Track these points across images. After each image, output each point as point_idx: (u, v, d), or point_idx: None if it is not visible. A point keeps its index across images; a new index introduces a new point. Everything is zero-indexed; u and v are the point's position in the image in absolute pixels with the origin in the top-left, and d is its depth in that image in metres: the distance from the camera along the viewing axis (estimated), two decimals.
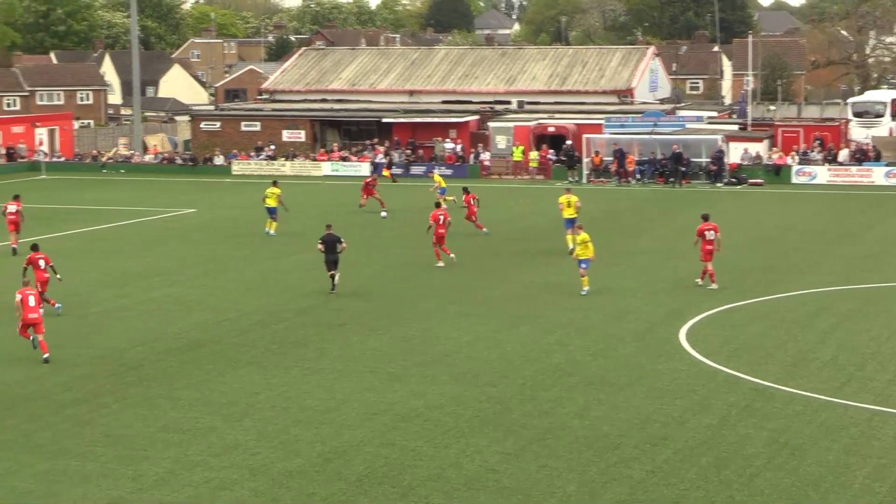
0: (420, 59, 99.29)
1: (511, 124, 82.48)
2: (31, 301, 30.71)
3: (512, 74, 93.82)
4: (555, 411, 25.94)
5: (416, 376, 28.98)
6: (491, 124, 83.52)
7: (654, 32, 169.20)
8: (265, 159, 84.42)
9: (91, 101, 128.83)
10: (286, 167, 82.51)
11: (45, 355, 30.57)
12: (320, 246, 39.58)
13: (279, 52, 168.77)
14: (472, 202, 52.44)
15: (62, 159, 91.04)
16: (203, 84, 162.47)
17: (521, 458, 22.92)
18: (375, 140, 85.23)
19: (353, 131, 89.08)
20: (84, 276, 43.28)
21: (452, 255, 44.81)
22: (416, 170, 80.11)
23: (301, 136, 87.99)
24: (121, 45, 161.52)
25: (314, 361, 30.66)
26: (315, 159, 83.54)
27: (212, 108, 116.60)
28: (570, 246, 43.38)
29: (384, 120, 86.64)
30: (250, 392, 27.72)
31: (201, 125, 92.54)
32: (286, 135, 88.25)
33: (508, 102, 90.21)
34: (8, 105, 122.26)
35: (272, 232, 52.44)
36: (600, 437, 24.11)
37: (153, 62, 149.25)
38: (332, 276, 39.33)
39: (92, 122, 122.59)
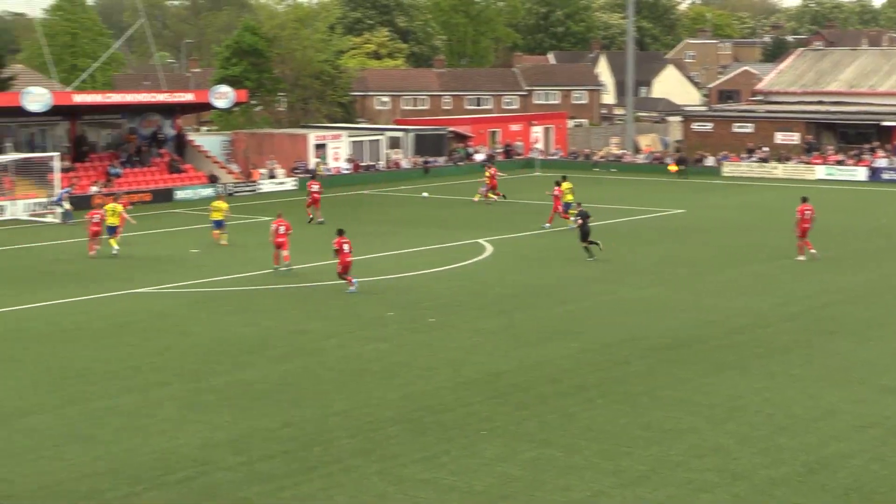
0: None
1: None
2: (282, 230, 43.40)
3: None
4: None
5: None
6: None
7: None
8: (757, 161, 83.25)
9: (585, 101, 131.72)
10: (778, 170, 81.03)
11: (287, 263, 43.59)
12: (579, 220, 46.43)
13: (775, 53, 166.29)
14: (494, 176, 58.68)
15: (557, 157, 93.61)
16: (696, 85, 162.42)
17: None
18: (875, 143, 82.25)
19: (850, 134, 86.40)
20: (576, 271, 44.13)
21: (814, 251, 45.53)
22: None
23: (795, 138, 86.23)
24: (616, 46, 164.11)
25: (800, 368, 29.85)
26: (809, 162, 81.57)
27: (704, 108, 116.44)
28: None
29: (884, 123, 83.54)
30: (733, 395, 27.30)
31: (693, 126, 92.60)
32: (779, 137, 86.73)
33: None
34: (507, 104, 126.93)
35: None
36: None
37: (647, 63, 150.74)
38: (587, 248, 45.77)
39: (586, 121, 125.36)
